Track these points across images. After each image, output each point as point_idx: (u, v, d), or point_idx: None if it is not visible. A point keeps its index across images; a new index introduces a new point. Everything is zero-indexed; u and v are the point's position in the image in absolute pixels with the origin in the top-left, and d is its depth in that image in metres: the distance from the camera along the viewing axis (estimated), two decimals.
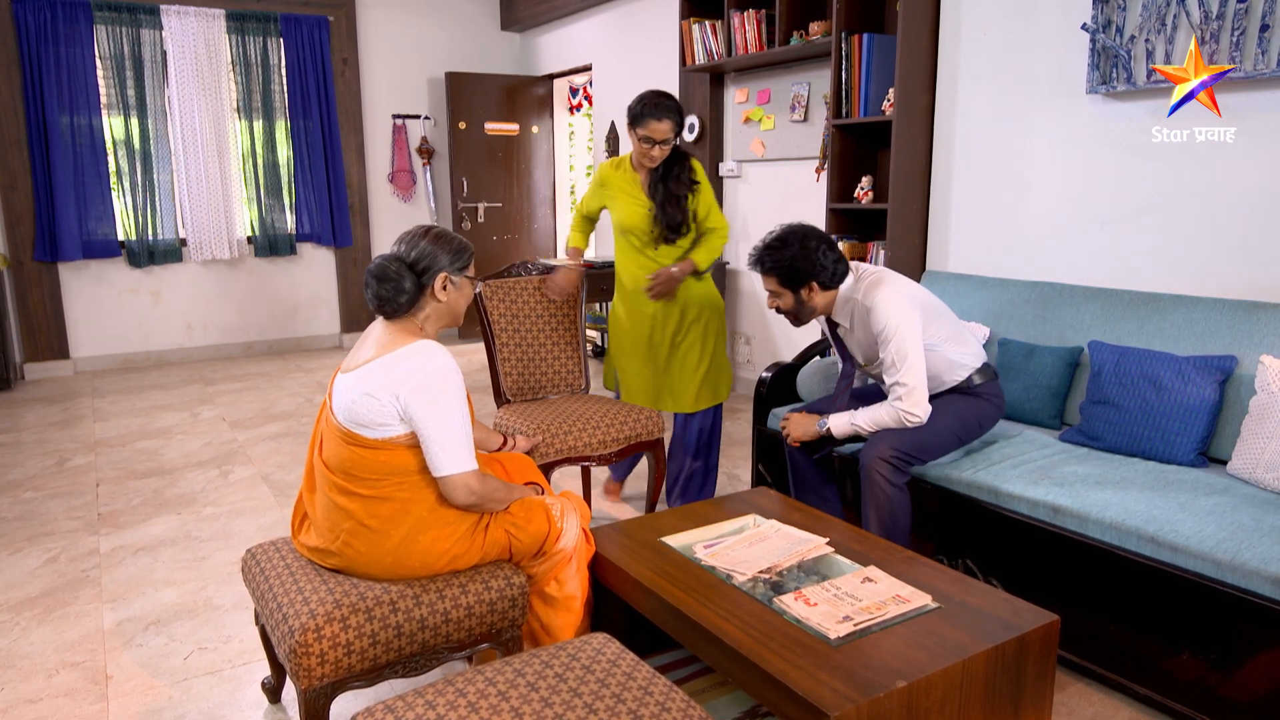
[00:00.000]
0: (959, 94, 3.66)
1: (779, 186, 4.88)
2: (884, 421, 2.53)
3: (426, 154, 7.07)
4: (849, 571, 1.98)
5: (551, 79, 7.19)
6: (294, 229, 6.65)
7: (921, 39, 3.66)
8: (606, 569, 2.12)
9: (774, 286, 2.59)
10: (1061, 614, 1.87)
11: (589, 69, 6.58)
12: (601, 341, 6.69)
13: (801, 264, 2.51)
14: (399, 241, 1.98)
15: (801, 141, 4.64)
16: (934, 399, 2.58)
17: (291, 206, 6.62)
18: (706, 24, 4.73)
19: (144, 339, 6.34)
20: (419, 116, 7.04)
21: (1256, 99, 2.73)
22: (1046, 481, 2.40)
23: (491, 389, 3.20)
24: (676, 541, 2.17)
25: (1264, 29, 2.64)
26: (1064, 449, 2.67)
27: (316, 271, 6.85)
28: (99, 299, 6.13)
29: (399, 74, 6.91)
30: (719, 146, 5.20)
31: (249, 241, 6.55)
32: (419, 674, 1.92)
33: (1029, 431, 2.84)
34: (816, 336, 3.91)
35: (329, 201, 6.66)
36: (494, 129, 7.02)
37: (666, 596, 1.90)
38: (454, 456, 1.86)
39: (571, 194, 7.61)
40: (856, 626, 1.74)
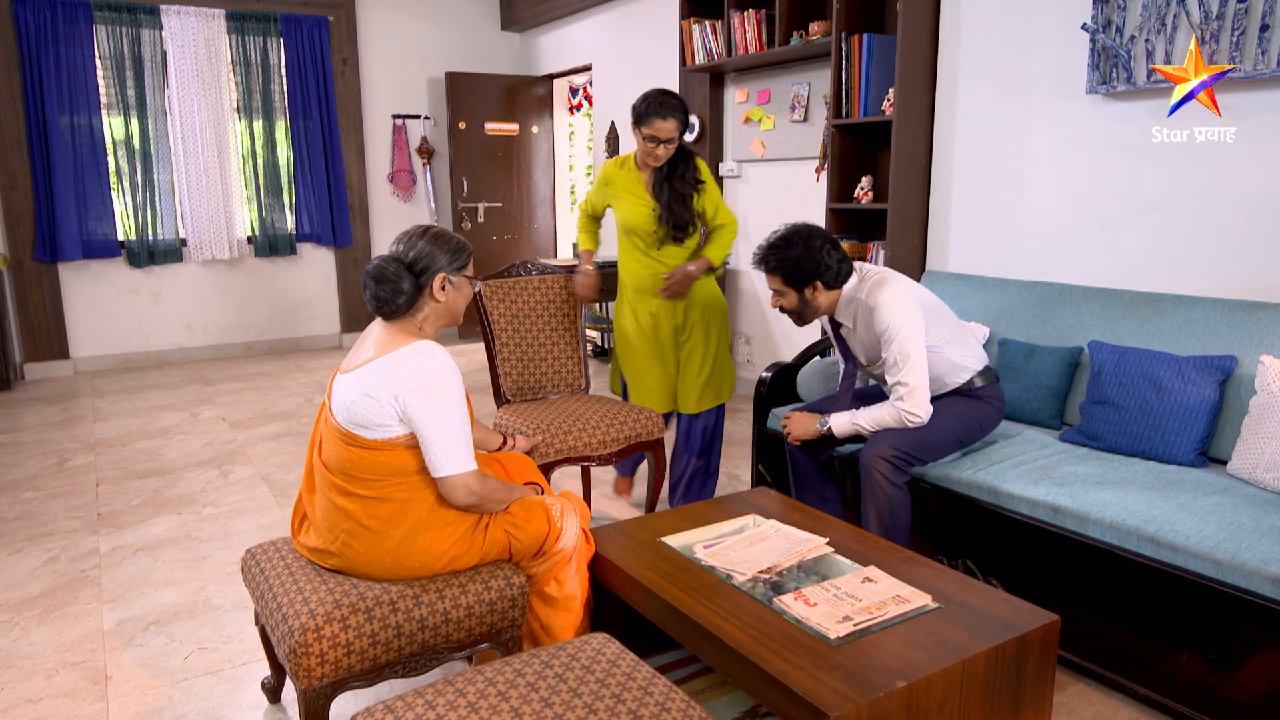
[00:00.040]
0: (959, 94, 3.66)
1: (779, 186, 4.88)
2: (885, 421, 2.53)
3: (426, 154, 7.07)
4: (849, 571, 1.98)
5: (551, 79, 7.18)
6: (294, 229, 6.65)
7: (921, 39, 3.66)
8: (606, 569, 2.12)
9: (778, 285, 2.59)
10: (1061, 614, 1.87)
11: (589, 69, 6.58)
12: (601, 341, 6.69)
13: (806, 263, 2.51)
14: (397, 241, 1.97)
15: (801, 141, 4.64)
16: (935, 400, 2.58)
17: (291, 206, 6.62)
18: (706, 24, 4.73)
19: (144, 339, 6.34)
20: (419, 116, 7.04)
21: (1256, 99, 2.73)
22: (1046, 481, 2.40)
23: (491, 389, 3.20)
24: (676, 541, 2.17)
25: (1264, 29, 2.64)
26: (1064, 449, 2.67)
27: (316, 271, 6.85)
28: (99, 299, 6.13)
29: (399, 74, 6.91)
30: (719, 146, 5.20)
31: (249, 241, 6.55)
32: (419, 674, 1.92)
33: (1029, 431, 2.84)
34: (817, 336, 3.91)
35: (329, 201, 6.66)
36: (494, 129, 7.02)
37: (666, 596, 1.90)
38: (453, 457, 1.86)
39: (571, 194, 7.61)
40: (856, 626, 1.74)
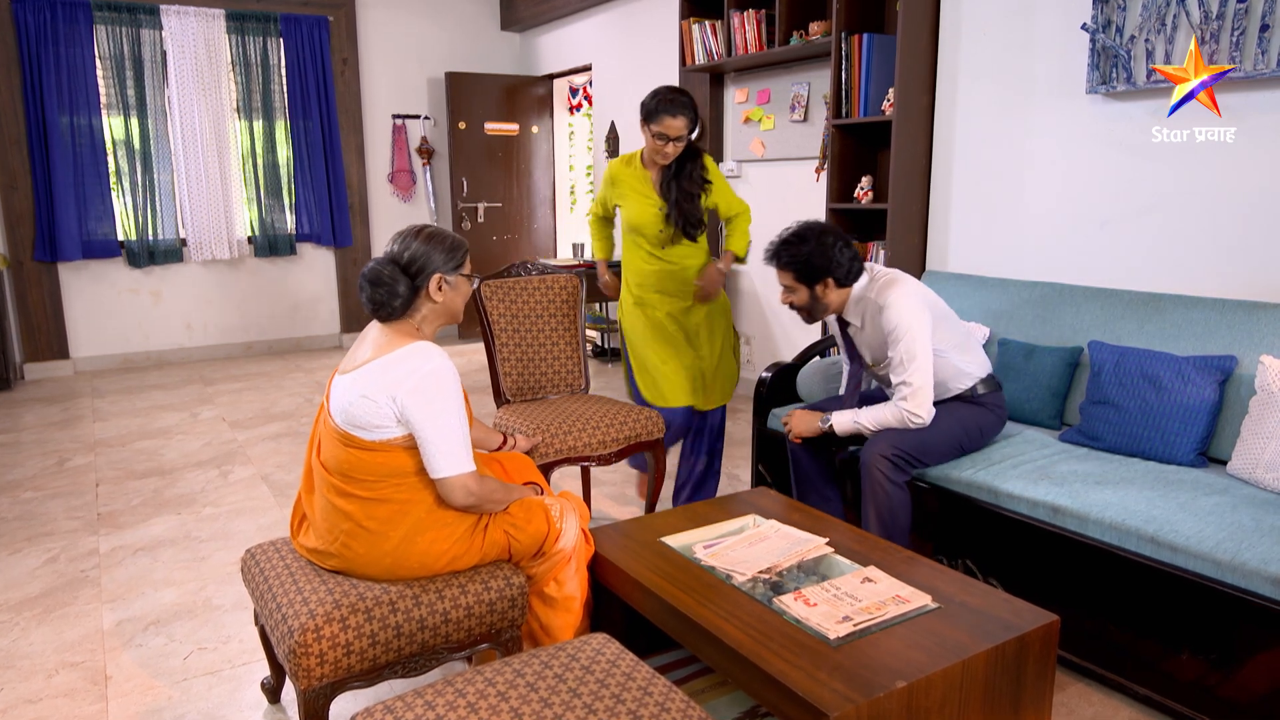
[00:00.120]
0: (959, 94, 3.66)
1: (779, 186, 4.88)
2: (887, 421, 2.53)
3: (426, 154, 7.07)
4: (849, 572, 1.98)
5: (551, 79, 7.18)
6: (294, 229, 6.65)
7: (921, 39, 3.66)
8: (606, 569, 2.12)
9: (789, 281, 2.59)
10: (1061, 614, 1.87)
11: (589, 69, 6.58)
12: (601, 341, 6.69)
13: (818, 260, 2.51)
14: (392, 242, 1.96)
15: (801, 141, 4.64)
16: (938, 405, 2.59)
17: (291, 206, 6.62)
18: (706, 24, 4.73)
19: (144, 339, 6.34)
20: (419, 116, 7.04)
21: (1256, 99, 2.73)
22: (1046, 481, 2.40)
23: (491, 389, 3.20)
24: (676, 542, 2.17)
25: (1264, 29, 2.64)
26: (1064, 449, 2.67)
27: (316, 271, 6.85)
28: (99, 299, 6.13)
29: (399, 74, 6.91)
30: (719, 146, 5.20)
31: (249, 241, 6.55)
32: (418, 674, 1.92)
33: (1029, 431, 2.84)
34: (817, 336, 3.91)
35: (329, 201, 6.66)
36: (494, 129, 7.02)
37: (666, 597, 1.90)
38: (451, 458, 1.86)
39: (571, 194, 7.61)
40: (856, 627, 1.73)
